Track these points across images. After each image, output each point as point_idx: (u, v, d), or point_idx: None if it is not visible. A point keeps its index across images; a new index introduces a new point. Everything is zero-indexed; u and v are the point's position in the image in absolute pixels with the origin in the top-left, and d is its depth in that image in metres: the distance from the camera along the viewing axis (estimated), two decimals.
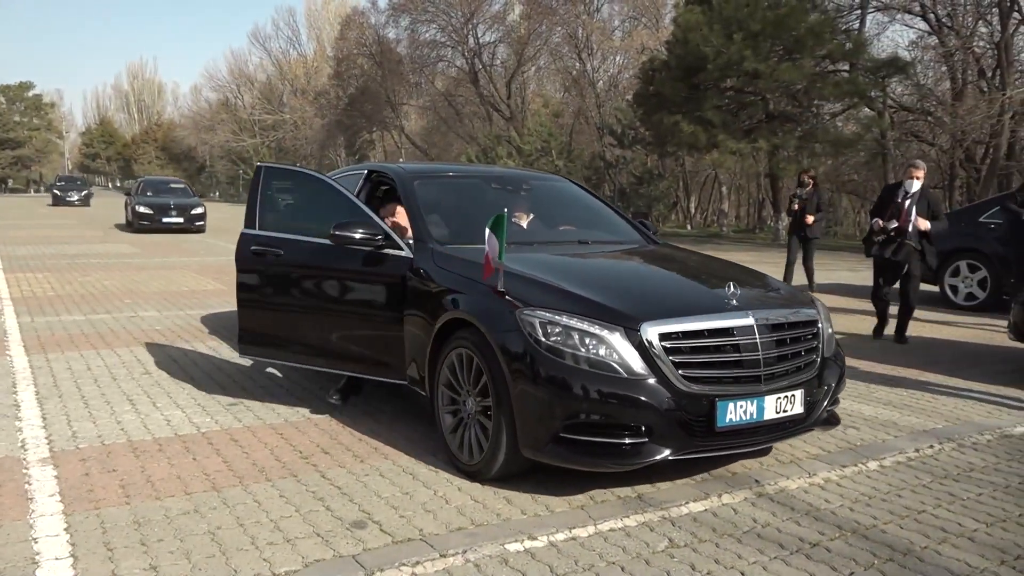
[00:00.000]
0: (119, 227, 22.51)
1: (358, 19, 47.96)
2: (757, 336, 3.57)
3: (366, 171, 5.49)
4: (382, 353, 4.42)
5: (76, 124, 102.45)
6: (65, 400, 4.93)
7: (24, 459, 3.89)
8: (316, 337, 4.68)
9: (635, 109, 27.21)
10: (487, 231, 3.68)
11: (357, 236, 4.35)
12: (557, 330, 3.46)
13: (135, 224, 21.03)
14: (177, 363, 6.00)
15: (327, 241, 4.48)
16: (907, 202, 7.01)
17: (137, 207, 21.19)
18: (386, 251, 4.39)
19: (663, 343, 3.42)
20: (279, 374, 5.70)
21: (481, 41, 40.88)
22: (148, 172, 65.99)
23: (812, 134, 22.72)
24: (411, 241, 4.46)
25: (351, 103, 47.96)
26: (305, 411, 4.82)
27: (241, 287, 4.91)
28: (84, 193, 40.28)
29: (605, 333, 3.43)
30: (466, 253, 4.22)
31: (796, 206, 10.48)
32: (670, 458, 3.42)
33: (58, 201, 39.38)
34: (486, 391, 3.66)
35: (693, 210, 36.26)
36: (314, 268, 4.69)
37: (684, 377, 3.42)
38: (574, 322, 3.46)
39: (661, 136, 24.30)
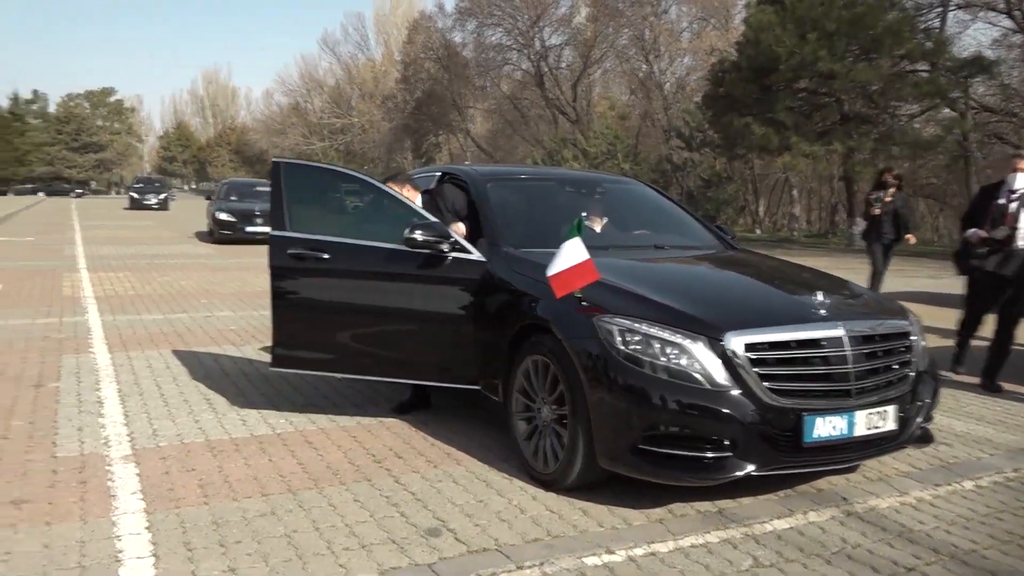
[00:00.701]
0: (199, 236, 20.21)
1: (425, 23, 48.48)
2: (847, 348, 3.41)
3: (439, 173, 5.47)
4: (452, 359, 4.33)
5: (154, 128, 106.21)
6: (146, 398, 5.03)
7: (107, 456, 3.97)
8: (374, 346, 4.45)
9: (704, 111, 26.84)
10: (567, 242, 3.54)
11: (428, 239, 4.20)
12: (636, 338, 3.37)
13: (216, 234, 18.39)
14: (252, 363, 6.09)
15: (386, 244, 4.31)
16: (1014, 203, 5.71)
17: (217, 214, 18.51)
18: (456, 254, 4.29)
19: (748, 354, 3.29)
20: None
21: (547, 44, 40.88)
22: (223, 175, 67.61)
23: (889, 136, 22.04)
24: (456, 240, 4.31)
25: (418, 107, 48.49)
26: (377, 414, 4.82)
27: (278, 295, 4.46)
28: (163, 196, 37.94)
29: (687, 342, 3.32)
30: (541, 257, 4.14)
31: (877, 211, 9.23)
32: (754, 474, 3.29)
33: (135, 204, 36.86)
34: (562, 399, 3.59)
35: (762, 214, 35.52)
36: (371, 273, 4.37)
37: (770, 390, 3.29)
38: (654, 330, 3.36)
39: (731, 138, 23.89)
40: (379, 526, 3.24)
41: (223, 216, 18.37)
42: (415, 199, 4.87)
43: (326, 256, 4.39)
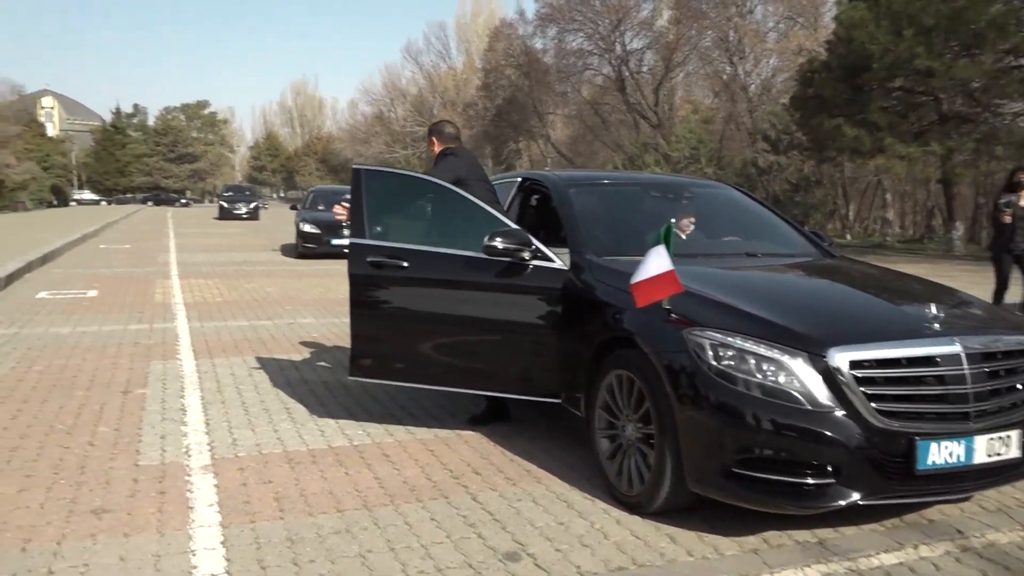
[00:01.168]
0: (284, 249, 18.37)
1: (506, 30, 48.71)
2: (965, 366, 3.10)
3: (519, 179, 5.33)
4: (533, 371, 4.18)
5: (245, 139, 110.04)
6: (227, 406, 5.05)
7: (188, 465, 3.97)
8: (453, 356, 4.33)
9: (791, 113, 25.98)
10: (652, 250, 3.35)
11: (508, 247, 4.06)
12: (730, 353, 3.14)
13: (299, 247, 16.51)
14: (331, 371, 6.07)
15: (465, 252, 4.19)
16: None
17: (301, 225, 16.54)
18: (537, 262, 4.15)
19: (853, 372, 3.03)
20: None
21: (628, 48, 40.44)
22: (310, 183, 69.33)
23: (993, 136, 20.83)
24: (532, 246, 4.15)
25: (498, 113, 48.70)
26: (455, 426, 4.70)
27: (357, 303, 4.38)
28: (253, 205, 36.16)
29: (785, 358, 3.07)
30: (626, 265, 3.95)
31: (1008, 217, 8.27)
32: (860, 503, 3.02)
33: (225, 214, 35.40)
34: (648, 417, 3.39)
35: (852, 218, 34.20)
36: (451, 282, 4.24)
37: (878, 411, 3.01)
38: (749, 345, 3.13)
39: (820, 140, 23.03)
40: (456, 548, 3.10)
41: (307, 228, 16.39)
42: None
43: (405, 264, 4.30)
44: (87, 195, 76.01)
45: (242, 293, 10.71)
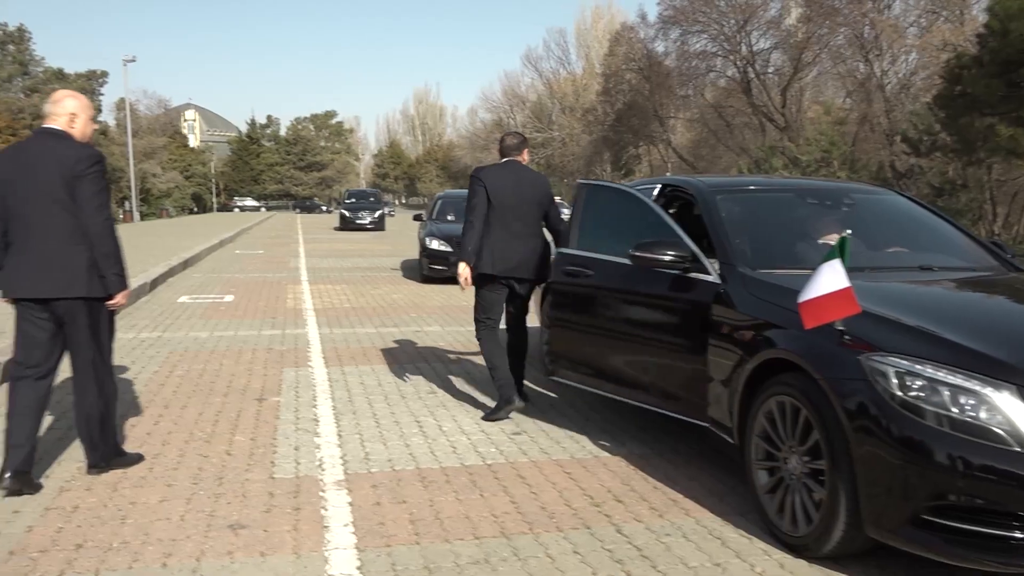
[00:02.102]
0: (406, 269, 15.26)
1: (627, 34, 48.04)
2: None
3: (659, 185, 5.04)
4: (680, 388, 3.96)
5: (369, 147, 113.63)
6: (359, 417, 4.98)
7: (321, 480, 3.89)
8: (617, 364, 4.47)
9: (936, 112, 24.32)
10: (824, 264, 2.99)
11: (658, 257, 3.96)
12: (918, 383, 2.76)
13: (424, 268, 13.10)
14: (458, 382, 5.94)
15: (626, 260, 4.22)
16: None
17: (428, 240, 13.03)
18: (692, 275, 3.92)
19: None
20: (557, 396, 5.41)
21: (754, 48, 39.11)
22: (430, 190, 70.71)
23: None
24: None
25: (618, 118, 48.09)
26: (590, 446, 4.46)
27: (552, 306, 4.96)
28: (378, 214, 32.15)
29: (988, 391, 2.67)
30: (783, 279, 3.61)
31: None
32: None
33: (346, 224, 31.68)
34: (816, 450, 3.03)
35: (1000, 225, 31.71)
36: (618, 291, 4.48)
37: None
38: (942, 374, 2.74)
39: (969, 141, 21.40)
40: None
41: (435, 244, 12.84)
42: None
43: (591, 273, 4.63)
44: (249, 202, 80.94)
45: (369, 299, 10.83)
